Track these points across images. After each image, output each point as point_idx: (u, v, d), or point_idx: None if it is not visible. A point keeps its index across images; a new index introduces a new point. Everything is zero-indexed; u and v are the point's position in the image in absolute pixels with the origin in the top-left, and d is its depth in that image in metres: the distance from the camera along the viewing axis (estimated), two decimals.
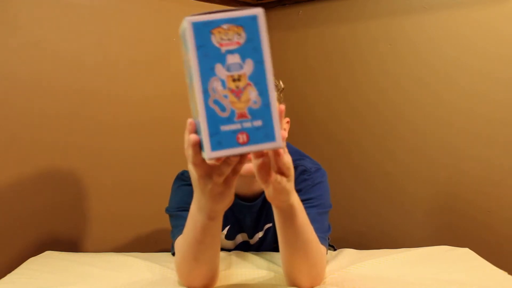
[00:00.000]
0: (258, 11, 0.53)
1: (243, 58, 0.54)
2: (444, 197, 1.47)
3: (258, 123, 0.54)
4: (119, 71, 1.51)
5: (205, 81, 0.54)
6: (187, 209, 0.96)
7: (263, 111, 0.54)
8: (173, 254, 1.00)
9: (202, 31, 0.54)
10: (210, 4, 1.68)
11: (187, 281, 0.84)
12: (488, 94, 1.38)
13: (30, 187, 1.36)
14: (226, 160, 0.61)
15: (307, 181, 0.98)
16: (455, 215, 1.45)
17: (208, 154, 0.54)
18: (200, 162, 0.61)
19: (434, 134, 1.48)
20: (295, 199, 0.75)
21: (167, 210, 1.02)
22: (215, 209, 0.71)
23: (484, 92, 1.38)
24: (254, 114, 0.54)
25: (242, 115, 0.54)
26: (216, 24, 0.54)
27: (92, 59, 1.45)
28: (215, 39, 0.54)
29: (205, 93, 0.54)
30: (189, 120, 0.58)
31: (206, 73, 0.54)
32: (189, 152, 0.61)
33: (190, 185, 1.01)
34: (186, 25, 0.54)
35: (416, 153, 1.52)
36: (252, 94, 0.54)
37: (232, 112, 0.54)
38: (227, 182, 0.65)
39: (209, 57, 0.54)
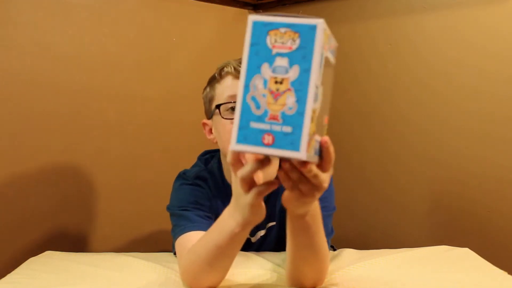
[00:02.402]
0: (319, 22, 0.53)
1: (291, 63, 0.53)
2: (444, 196, 1.47)
3: (287, 129, 0.53)
4: (119, 71, 1.51)
5: (249, 77, 0.55)
6: (188, 209, 0.97)
7: (296, 119, 0.53)
8: (175, 253, 1.00)
9: (260, 30, 0.55)
10: (210, 4, 1.68)
11: (192, 283, 0.84)
12: (488, 94, 1.38)
13: (30, 187, 1.36)
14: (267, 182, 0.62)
15: None
16: (455, 215, 1.45)
17: (232, 146, 0.55)
18: (250, 178, 0.62)
19: (434, 134, 1.48)
20: (314, 209, 0.72)
21: (168, 208, 1.02)
22: (250, 221, 0.71)
23: (484, 92, 1.38)
24: (286, 119, 0.53)
25: (274, 117, 0.54)
26: (275, 26, 0.54)
27: (92, 59, 1.46)
28: (269, 40, 0.54)
29: (246, 87, 0.55)
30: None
31: (252, 70, 0.55)
32: (246, 168, 0.61)
33: (192, 184, 1.02)
34: (248, 22, 0.55)
35: (416, 152, 1.52)
36: (289, 99, 0.53)
37: (266, 112, 0.54)
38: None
39: (259, 56, 0.55)
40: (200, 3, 1.66)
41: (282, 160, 0.60)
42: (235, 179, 0.65)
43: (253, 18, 0.55)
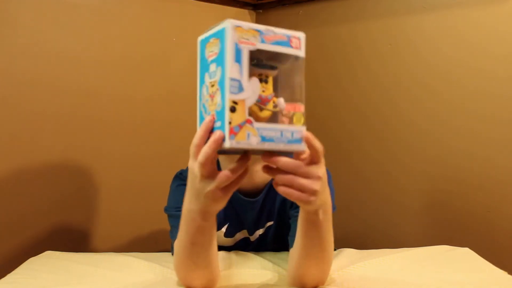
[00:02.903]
0: (226, 23, 0.58)
1: (217, 66, 0.59)
2: (444, 196, 1.47)
3: (219, 124, 0.59)
4: (119, 71, 1.51)
5: (200, 88, 0.63)
6: None
7: (221, 114, 0.58)
8: (173, 254, 1.00)
9: (202, 46, 0.63)
10: (210, 4, 1.68)
11: (185, 283, 0.84)
12: (487, 94, 1.38)
13: (30, 187, 1.36)
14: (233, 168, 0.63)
15: None
16: (455, 215, 1.45)
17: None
18: (210, 162, 0.62)
19: (434, 134, 1.48)
20: (322, 209, 0.71)
21: (165, 210, 1.02)
22: (209, 211, 0.70)
23: (484, 92, 1.38)
24: (218, 116, 0.59)
25: (213, 117, 0.61)
26: (208, 39, 0.61)
27: (92, 59, 1.46)
28: (206, 52, 0.62)
29: (199, 98, 0.64)
30: (209, 117, 0.61)
31: (201, 81, 0.63)
32: (205, 150, 0.60)
33: None
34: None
35: (416, 152, 1.52)
36: (218, 98, 0.59)
37: (209, 113, 0.61)
38: (227, 188, 0.64)
39: (203, 68, 0.63)
40: (200, 3, 1.66)
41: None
42: (195, 171, 0.64)
43: (200, 36, 0.64)
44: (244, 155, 0.63)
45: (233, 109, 0.57)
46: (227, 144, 0.57)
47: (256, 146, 0.58)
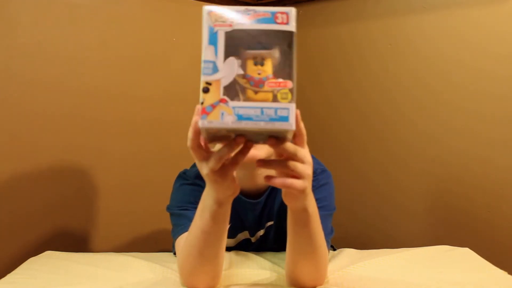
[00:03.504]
0: (204, 9, 0.60)
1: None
2: (444, 196, 1.48)
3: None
4: (119, 71, 1.51)
5: None
6: (188, 208, 0.97)
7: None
8: (175, 253, 1.00)
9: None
10: (210, 4, 1.68)
11: (189, 280, 0.84)
12: (488, 93, 1.38)
13: (30, 187, 1.36)
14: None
15: (313, 182, 0.97)
16: (455, 215, 1.45)
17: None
18: (196, 146, 0.65)
19: (435, 134, 1.48)
20: (311, 203, 0.73)
21: (168, 209, 1.02)
22: (219, 196, 0.71)
23: (484, 91, 1.39)
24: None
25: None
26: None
27: (92, 59, 1.45)
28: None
29: None
30: (198, 106, 0.61)
31: None
32: (188, 135, 0.64)
33: (192, 184, 1.02)
34: None
35: (416, 152, 1.52)
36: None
37: None
38: (222, 171, 0.66)
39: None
40: (200, 3, 1.65)
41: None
42: (193, 156, 0.67)
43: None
44: (234, 139, 0.62)
45: (206, 90, 0.57)
46: (200, 124, 0.57)
47: (232, 125, 0.57)
